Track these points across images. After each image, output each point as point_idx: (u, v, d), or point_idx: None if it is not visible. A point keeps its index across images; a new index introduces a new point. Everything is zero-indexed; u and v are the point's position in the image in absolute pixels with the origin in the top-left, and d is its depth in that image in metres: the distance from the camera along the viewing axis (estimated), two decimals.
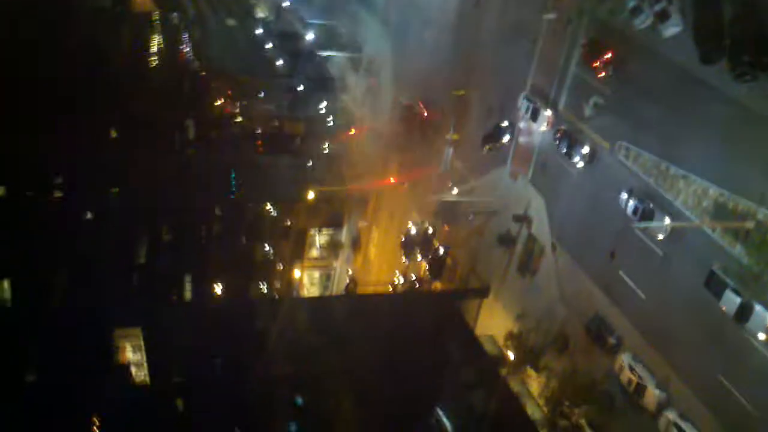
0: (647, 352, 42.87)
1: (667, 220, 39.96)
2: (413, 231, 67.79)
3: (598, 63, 45.53)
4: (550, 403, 48.43)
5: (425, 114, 69.25)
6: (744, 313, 35.35)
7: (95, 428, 46.58)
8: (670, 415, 40.39)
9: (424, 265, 66.02)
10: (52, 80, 74.89)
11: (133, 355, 52.14)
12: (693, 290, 39.21)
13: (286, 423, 48.21)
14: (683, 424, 39.51)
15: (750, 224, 35.42)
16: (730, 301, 35.84)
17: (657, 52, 41.48)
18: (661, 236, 40.70)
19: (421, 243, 66.61)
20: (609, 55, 44.83)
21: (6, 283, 70.47)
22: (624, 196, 42.91)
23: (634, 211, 41.89)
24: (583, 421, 46.60)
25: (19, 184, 74.73)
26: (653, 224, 40.70)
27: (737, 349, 36.93)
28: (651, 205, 40.96)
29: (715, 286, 36.87)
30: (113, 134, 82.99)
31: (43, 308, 62.18)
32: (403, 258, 69.36)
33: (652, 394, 41.49)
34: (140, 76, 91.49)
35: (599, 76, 45.66)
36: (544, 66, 52.20)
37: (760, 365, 35.99)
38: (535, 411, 50.15)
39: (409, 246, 68.42)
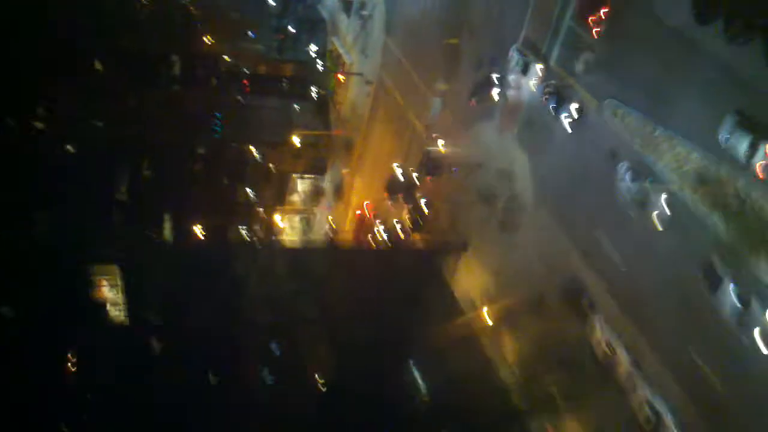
0: (621, 320, 42.29)
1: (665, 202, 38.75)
2: (399, 172, 67.25)
3: (595, 17, 44.55)
4: (523, 368, 48.47)
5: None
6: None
7: (70, 365, 46.66)
8: (641, 385, 39.86)
9: (405, 214, 65.71)
10: (34, 10, 72.97)
11: (109, 292, 51.93)
12: (673, 261, 38.72)
13: (261, 369, 48.42)
14: (654, 400, 38.95)
15: (730, 190, 35.09)
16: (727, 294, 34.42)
17: (652, 8, 40.42)
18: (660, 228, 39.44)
19: (405, 189, 66.18)
20: (605, 10, 43.85)
21: None
22: (622, 169, 41.25)
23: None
24: (554, 389, 46.68)
25: None
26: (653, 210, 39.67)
27: (711, 326, 36.04)
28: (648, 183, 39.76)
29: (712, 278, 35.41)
30: (98, 66, 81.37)
31: (21, 241, 61.68)
32: (388, 201, 68.97)
33: (623, 363, 41.23)
34: (127, 8, 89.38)
35: (595, 30, 44.66)
36: (538, 18, 50.88)
37: (733, 346, 34.93)
38: (507, 375, 50.43)
39: (393, 190, 68.03)
